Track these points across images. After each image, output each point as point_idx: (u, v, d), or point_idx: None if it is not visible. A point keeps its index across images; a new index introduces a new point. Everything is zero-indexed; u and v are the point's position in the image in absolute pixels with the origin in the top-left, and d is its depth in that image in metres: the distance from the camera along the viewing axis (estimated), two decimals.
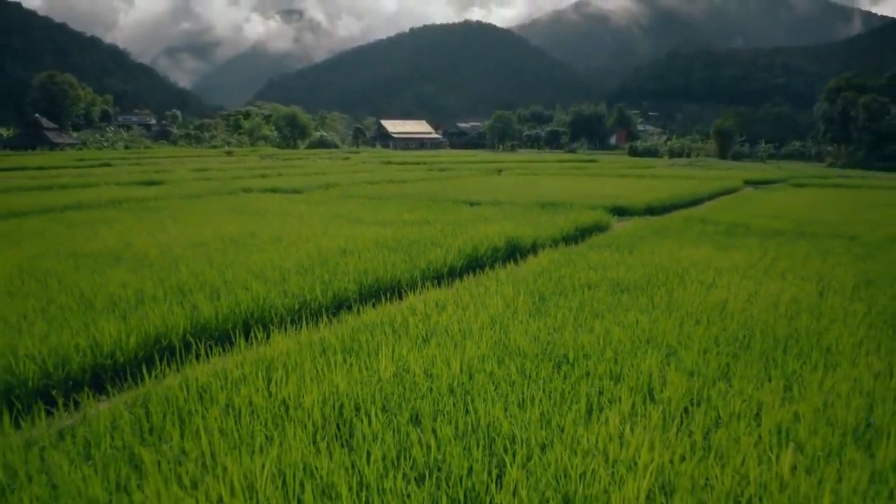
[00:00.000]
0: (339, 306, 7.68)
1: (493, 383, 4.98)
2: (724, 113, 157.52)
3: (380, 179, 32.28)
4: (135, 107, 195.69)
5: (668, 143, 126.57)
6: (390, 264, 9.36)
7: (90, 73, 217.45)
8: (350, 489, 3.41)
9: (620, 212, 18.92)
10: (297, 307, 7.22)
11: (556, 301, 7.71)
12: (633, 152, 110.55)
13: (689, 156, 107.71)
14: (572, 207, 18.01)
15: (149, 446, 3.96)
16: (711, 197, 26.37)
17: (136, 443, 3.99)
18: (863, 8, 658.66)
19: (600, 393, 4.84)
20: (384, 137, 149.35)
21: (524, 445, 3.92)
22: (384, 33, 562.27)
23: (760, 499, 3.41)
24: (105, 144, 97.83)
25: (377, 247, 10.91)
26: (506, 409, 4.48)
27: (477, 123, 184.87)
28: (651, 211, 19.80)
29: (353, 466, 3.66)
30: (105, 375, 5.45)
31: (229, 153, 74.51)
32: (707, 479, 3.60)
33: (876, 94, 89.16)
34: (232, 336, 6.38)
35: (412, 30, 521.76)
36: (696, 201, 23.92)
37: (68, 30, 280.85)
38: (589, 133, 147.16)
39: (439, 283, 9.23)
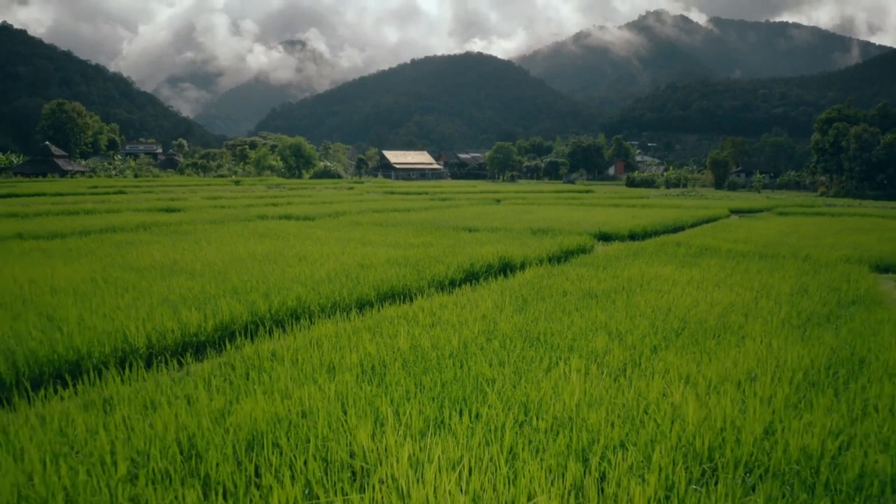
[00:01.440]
0: (362, 306, 9.55)
1: (481, 352, 6.85)
2: (721, 143, 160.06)
3: (385, 208, 34.25)
4: (140, 135, 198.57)
5: (665, 173, 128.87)
6: (401, 276, 11.27)
7: (95, 102, 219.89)
8: (383, 409, 5.25)
9: (605, 237, 20.85)
10: (329, 305, 9.10)
11: (536, 303, 9.59)
12: (631, 183, 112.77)
13: (685, 186, 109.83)
14: (561, 233, 19.93)
15: (248, 380, 5.84)
16: (694, 224, 28.29)
17: (237, 378, 5.87)
18: (861, 38, 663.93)
19: (559, 359, 6.70)
20: (386, 168, 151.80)
21: (500, 383, 5.79)
22: (386, 64, 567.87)
23: (650, 411, 5.26)
24: (114, 172, 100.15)
25: (389, 263, 12.80)
26: (490, 366, 6.35)
27: (478, 154, 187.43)
28: (633, 236, 21.73)
29: (385, 394, 5.52)
30: (191, 349, 7.31)
31: (237, 182, 76.64)
32: (623, 402, 5.44)
33: (867, 125, 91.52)
34: (283, 326, 8.25)
35: (414, 61, 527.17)
36: (677, 228, 25.85)
37: (73, 58, 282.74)
38: (587, 164, 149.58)
39: (442, 291, 11.07)
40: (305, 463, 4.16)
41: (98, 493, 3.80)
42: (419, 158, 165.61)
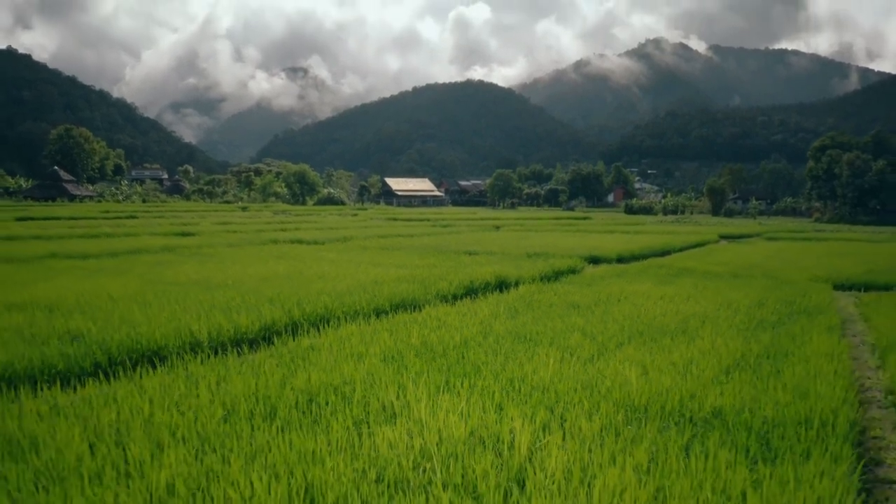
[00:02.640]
0: (378, 313, 11.19)
1: (478, 346, 8.51)
2: (719, 171, 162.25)
3: (389, 234, 36.00)
4: (144, 161, 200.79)
5: (663, 200, 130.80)
6: (410, 290, 12.95)
7: (99, 127, 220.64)
8: (404, 380, 6.89)
9: (595, 260, 22.53)
10: (352, 312, 10.75)
11: (525, 312, 11.26)
12: (629, 210, 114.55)
13: (683, 213, 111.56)
14: (554, 256, 21.62)
15: (297, 361, 7.50)
16: (682, 249, 29.96)
17: (288, 360, 7.54)
18: (860, 65, 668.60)
19: (541, 350, 8.35)
20: (388, 195, 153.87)
21: (492, 365, 7.45)
22: (388, 91, 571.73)
23: (605, 382, 6.91)
24: (121, 197, 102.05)
25: (398, 280, 14.48)
26: (485, 354, 8.01)
27: (478, 181, 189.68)
28: (621, 260, 23.41)
29: (404, 371, 7.17)
30: (245, 343, 8.96)
31: (244, 208, 78.47)
32: (586, 377, 7.08)
33: (859, 152, 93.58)
34: (316, 327, 9.90)
35: (415, 88, 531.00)
36: (665, 252, 27.52)
37: (77, 83, 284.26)
38: (587, 191, 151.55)
39: (446, 303, 12.71)
40: (350, 410, 5.82)
41: (205, 427, 5.43)
42: (421, 186, 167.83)
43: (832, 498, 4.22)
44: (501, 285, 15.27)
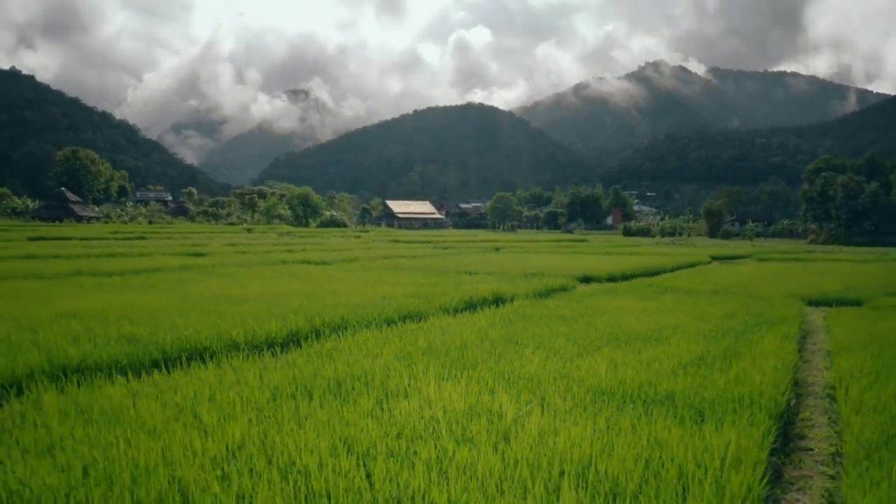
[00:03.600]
0: (388, 323, 12.58)
1: (476, 347, 9.92)
2: (717, 193, 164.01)
3: (392, 255, 37.48)
4: (146, 182, 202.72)
5: (661, 222, 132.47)
6: (415, 304, 14.38)
7: (101, 148, 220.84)
8: (414, 371, 8.28)
9: (587, 279, 23.94)
10: (365, 322, 12.16)
11: (518, 322, 12.68)
12: (627, 232, 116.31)
13: (680, 235, 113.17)
14: (549, 276, 23.03)
15: (323, 359, 8.92)
16: (672, 269, 31.35)
17: (316, 358, 8.95)
18: (858, 86, 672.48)
19: (529, 351, 9.75)
20: (389, 217, 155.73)
21: (487, 362, 8.86)
22: (388, 114, 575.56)
23: (580, 374, 8.30)
24: (126, 218, 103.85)
25: (404, 296, 15.90)
26: (481, 354, 9.42)
27: (479, 204, 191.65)
28: (612, 279, 24.81)
29: (413, 365, 8.57)
30: (276, 346, 10.36)
31: (249, 230, 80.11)
32: (565, 371, 8.48)
33: (853, 175, 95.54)
34: (336, 333, 11.29)
35: (416, 111, 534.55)
36: (655, 272, 28.91)
37: (80, 105, 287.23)
38: (586, 214, 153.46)
39: (447, 314, 14.11)
40: (372, 391, 7.23)
41: (258, 403, 6.82)
42: (421, 208, 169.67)
43: (743, 448, 5.60)
44: (498, 300, 16.68)
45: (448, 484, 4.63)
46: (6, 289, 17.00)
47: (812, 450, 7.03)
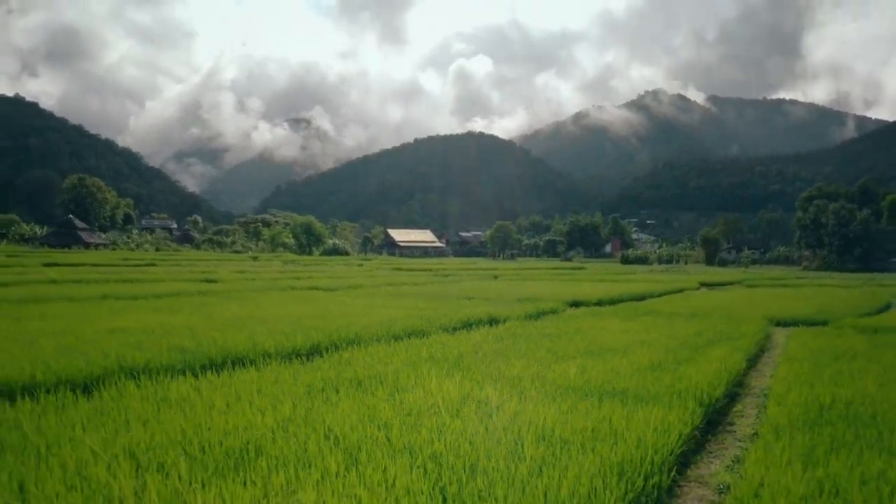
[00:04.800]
0: (395, 338, 14.42)
1: (470, 357, 11.76)
2: (715, 221, 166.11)
3: (395, 282, 39.36)
4: (149, 210, 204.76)
5: (659, 250, 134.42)
6: (418, 324, 16.24)
7: (105, 175, 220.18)
8: (418, 373, 10.09)
9: (576, 304, 25.76)
10: (375, 338, 14.01)
11: (508, 339, 14.52)
12: (625, 260, 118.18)
13: (678, 262, 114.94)
14: (541, 300, 24.88)
15: (343, 365, 10.75)
16: (660, 295, 33.14)
17: (337, 365, 10.79)
18: (857, 112, 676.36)
19: (514, 360, 11.58)
20: (390, 245, 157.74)
21: (479, 366, 10.69)
22: (389, 143, 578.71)
23: (555, 375, 10.12)
24: (132, 246, 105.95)
25: (408, 317, 17.75)
26: (474, 362, 11.26)
27: (479, 232, 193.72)
28: (600, 303, 26.61)
29: (418, 369, 10.39)
30: (302, 356, 12.18)
31: (255, 258, 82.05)
32: (543, 373, 10.29)
33: (845, 202, 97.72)
34: (351, 346, 13.12)
35: (417, 140, 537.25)
36: (642, 297, 30.72)
37: (84, 132, 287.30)
38: (585, 242, 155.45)
39: (446, 333, 15.95)
40: (386, 386, 9.06)
41: (295, 394, 8.64)
42: (422, 237, 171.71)
43: (669, 421, 7.41)
44: (492, 321, 18.49)
45: (445, 439, 6.47)
46: (49, 309, 18.84)
47: (735, 431, 8.89)
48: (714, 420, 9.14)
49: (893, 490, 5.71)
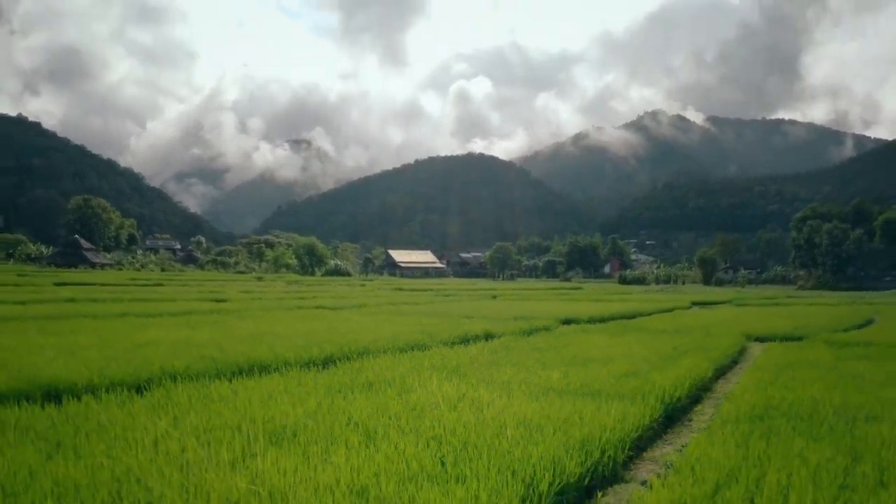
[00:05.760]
0: (399, 351, 15.95)
1: (466, 366, 13.29)
2: (712, 242, 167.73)
3: (397, 302, 40.93)
4: (151, 230, 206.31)
5: (656, 271, 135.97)
6: (420, 338, 17.80)
7: (107, 196, 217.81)
8: (421, 378, 11.61)
9: (569, 321, 27.26)
10: (382, 350, 15.55)
11: (501, 352, 16.06)
12: (623, 280, 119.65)
13: (675, 282, 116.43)
14: (535, 318, 26.39)
15: (356, 371, 12.28)
16: (651, 313, 34.65)
17: (350, 372, 12.32)
18: (855, 132, 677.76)
19: (506, 367, 13.09)
20: (391, 266, 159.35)
21: (474, 373, 12.23)
22: (390, 164, 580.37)
23: (540, 380, 11.64)
24: (137, 266, 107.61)
25: (410, 333, 19.30)
26: (470, 369, 12.80)
27: (479, 253, 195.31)
28: (591, 321, 28.09)
29: (421, 376, 11.92)
30: (318, 365, 13.69)
31: (259, 278, 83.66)
32: (528, 378, 11.80)
33: (838, 222, 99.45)
34: (361, 357, 14.64)
35: (417, 161, 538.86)
36: (633, 316, 32.20)
37: (86, 152, 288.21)
38: (584, 263, 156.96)
39: (446, 346, 17.47)
40: (394, 388, 10.59)
41: (318, 394, 10.15)
42: (423, 258, 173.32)
43: (630, 413, 8.92)
44: (488, 337, 20.02)
45: (444, 425, 8.00)
46: (78, 325, 20.39)
47: (692, 426, 10.44)
48: (676, 417, 10.67)
49: (804, 462, 7.20)
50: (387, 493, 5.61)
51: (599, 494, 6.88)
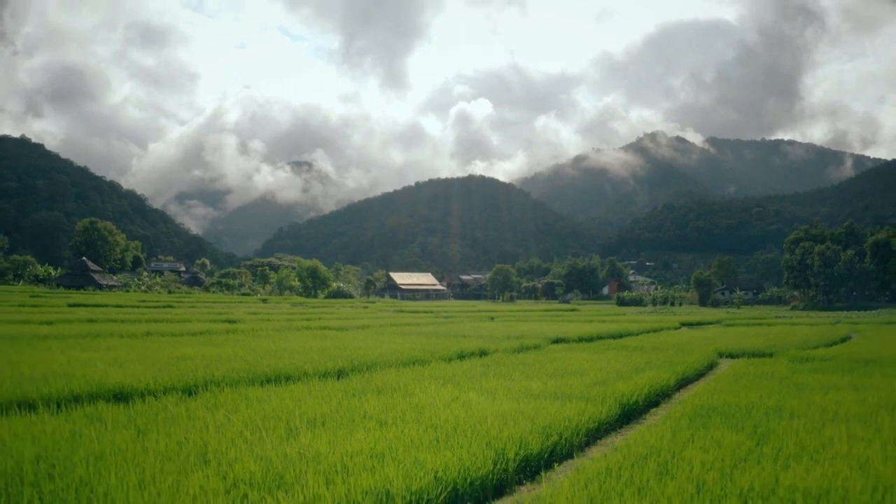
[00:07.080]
0: (402, 365, 18.11)
1: (462, 377, 15.47)
2: (710, 263, 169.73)
3: (399, 323, 43.13)
4: (154, 252, 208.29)
5: (654, 292, 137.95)
6: (420, 355, 20.01)
7: (110, 217, 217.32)
8: (422, 385, 13.78)
9: (559, 341, 29.38)
10: (387, 364, 17.73)
11: (493, 366, 18.24)
12: (621, 302, 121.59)
13: (672, 304, 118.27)
14: (528, 338, 28.55)
15: (366, 380, 14.48)
16: (639, 333, 36.71)
17: (362, 381, 14.52)
18: (854, 152, 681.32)
19: (495, 378, 15.26)
20: (392, 288, 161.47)
21: (468, 381, 14.42)
22: (391, 185, 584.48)
23: (523, 388, 13.81)
24: (143, 288, 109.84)
25: (412, 350, 21.49)
26: (463, 380, 14.98)
27: (479, 275, 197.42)
28: (580, 340, 30.23)
29: (422, 384, 14.09)
30: (332, 376, 15.85)
31: (265, 300, 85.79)
32: (514, 386, 13.96)
33: (830, 243, 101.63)
34: (370, 370, 16.80)
35: (418, 183, 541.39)
36: (621, 335, 34.32)
37: (89, 173, 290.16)
38: (582, 284, 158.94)
39: (444, 362, 19.64)
40: (399, 393, 12.78)
41: (338, 397, 12.32)
42: (423, 280, 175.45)
43: (590, 411, 11.08)
44: (482, 354, 22.20)
45: (439, 417, 10.20)
46: (109, 343, 22.59)
47: (645, 423, 12.59)
48: (634, 417, 12.85)
49: (718, 444, 9.35)
50: (397, 455, 7.82)
51: (556, 465, 9.10)
